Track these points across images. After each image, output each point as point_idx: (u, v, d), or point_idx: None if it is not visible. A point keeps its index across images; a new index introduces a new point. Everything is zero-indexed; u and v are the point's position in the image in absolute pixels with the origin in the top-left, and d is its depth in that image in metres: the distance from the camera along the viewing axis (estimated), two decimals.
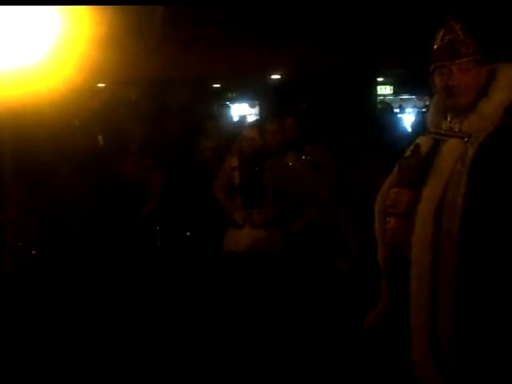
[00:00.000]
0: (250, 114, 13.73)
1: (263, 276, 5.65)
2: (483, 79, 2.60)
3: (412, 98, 16.85)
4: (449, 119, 2.64)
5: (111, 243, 6.02)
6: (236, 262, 5.72)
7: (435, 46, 2.67)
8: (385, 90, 16.72)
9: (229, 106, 10.02)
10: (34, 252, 5.59)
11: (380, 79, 15.63)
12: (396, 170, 2.78)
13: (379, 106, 12.70)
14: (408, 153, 2.77)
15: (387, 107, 11.38)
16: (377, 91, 16.01)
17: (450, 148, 2.59)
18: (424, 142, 2.73)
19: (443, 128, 2.65)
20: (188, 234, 6.29)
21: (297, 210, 6.01)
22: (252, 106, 14.95)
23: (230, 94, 14.82)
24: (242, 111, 14.34)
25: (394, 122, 9.54)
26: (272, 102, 12.16)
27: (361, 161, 6.07)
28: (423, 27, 2.70)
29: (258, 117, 12.85)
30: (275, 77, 13.30)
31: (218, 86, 14.23)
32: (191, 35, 9.87)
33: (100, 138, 7.12)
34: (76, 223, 5.99)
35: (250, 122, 8.80)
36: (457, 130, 2.60)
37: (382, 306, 2.82)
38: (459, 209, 2.46)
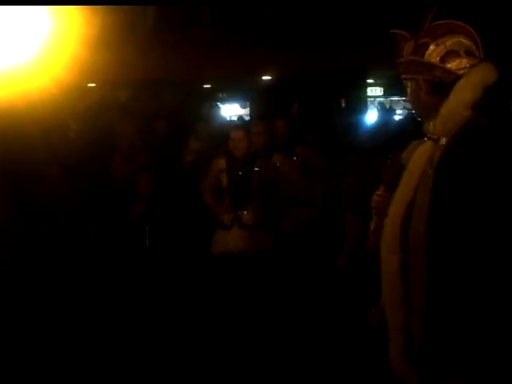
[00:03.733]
0: (245, 115, 13.73)
1: (252, 277, 5.65)
2: (429, 99, 2.61)
3: (402, 100, 16.88)
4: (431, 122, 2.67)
5: (100, 243, 6.02)
6: (225, 263, 5.72)
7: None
8: (375, 91, 16.77)
9: (219, 107, 10.03)
10: (21, 251, 5.58)
11: (370, 81, 15.66)
12: None
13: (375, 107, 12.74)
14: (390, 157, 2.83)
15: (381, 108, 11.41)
16: (367, 93, 16.06)
17: (421, 151, 2.63)
18: (412, 146, 2.76)
19: (428, 131, 2.69)
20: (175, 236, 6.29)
21: (285, 211, 6.03)
22: (243, 107, 14.96)
23: (220, 95, 14.83)
24: (233, 112, 14.34)
25: (385, 124, 9.58)
26: (263, 103, 12.18)
27: (349, 162, 6.10)
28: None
29: (248, 117, 12.85)
30: (266, 78, 13.32)
31: (208, 86, 14.24)
32: (182, 36, 9.88)
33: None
34: (64, 222, 5.99)
35: (237, 124, 8.79)
36: (431, 132, 2.63)
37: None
38: (426, 211, 2.49)
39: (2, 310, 5.16)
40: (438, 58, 2.57)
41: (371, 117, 12.40)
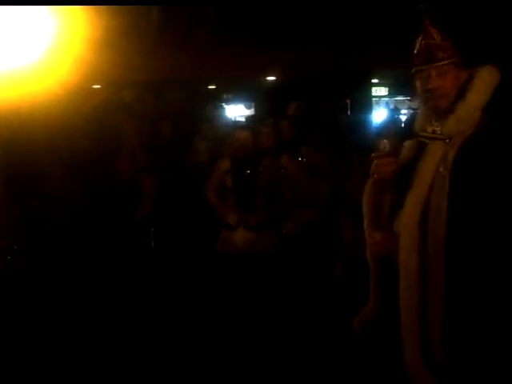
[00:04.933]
0: (247, 116, 13.71)
1: (257, 278, 5.65)
2: (461, 82, 2.61)
3: (407, 99, 16.84)
4: (433, 122, 2.65)
5: (105, 245, 6.01)
6: (230, 263, 5.72)
7: (415, 51, 2.71)
8: (380, 91, 16.73)
9: (224, 108, 10.01)
10: (27, 254, 5.58)
11: (375, 81, 15.63)
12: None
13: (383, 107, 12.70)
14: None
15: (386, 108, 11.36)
16: (372, 93, 16.03)
17: (432, 151, 2.62)
18: (409, 145, 2.75)
19: (428, 131, 2.67)
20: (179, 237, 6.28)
21: (291, 212, 6.02)
22: (248, 108, 14.94)
23: (225, 96, 14.81)
24: (238, 112, 14.33)
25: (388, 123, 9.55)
26: (267, 104, 12.15)
27: (354, 163, 6.09)
28: (419, 28, 2.71)
29: (253, 118, 12.83)
30: (270, 78, 13.30)
31: (213, 87, 14.23)
32: (186, 37, 9.88)
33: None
34: (70, 224, 5.99)
35: (242, 124, 8.79)
36: (439, 132, 2.61)
37: (370, 305, 2.83)
38: (444, 212, 2.47)
39: (6, 311, 5.16)
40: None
41: (376, 116, 12.38)
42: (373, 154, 2.84)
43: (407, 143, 2.76)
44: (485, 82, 2.55)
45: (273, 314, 5.55)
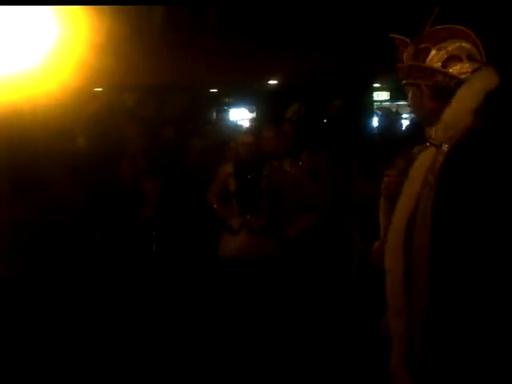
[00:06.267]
0: (250, 119, 13.72)
1: (259, 282, 5.64)
2: (431, 105, 2.60)
3: (409, 104, 16.82)
4: (432, 127, 2.65)
5: (107, 248, 6.01)
6: (232, 267, 5.71)
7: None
8: (381, 95, 16.73)
9: (227, 111, 10.02)
10: (30, 257, 5.57)
11: (377, 85, 15.64)
12: None
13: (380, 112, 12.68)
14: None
15: (387, 113, 11.33)
16: (373, 97, 16.03)
17: (422, 158, 2.62)
18: (418, 150, 2.74)
19: (428, 136, 2.67)
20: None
21: (293, 216, 6.01)
22: (250, 111, 14.95)
23: (227, 99, 14.83)
24: (240, 116, 14.34)
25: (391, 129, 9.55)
26: (270, 107, 12.16)
27: (355, 167, 6.09)
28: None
29: (256, 122, 12.85)
30: (273, 82, 13.31)
31: (215, 90, 14.24)
32: (188, 40, 9.88)
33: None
34: (72, 228, 5.98)
35: (246, 128, 8.80)
36: (433, 138, 2.61)
37: None
38: (429, 219, 2.47)
39: (9, 313, 5.15)
40: (440, 63, 2.56)
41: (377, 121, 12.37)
42: (385, 172, 2.87)
43: (416, 148, 2.75)
44: (472, 88, 2.52)
45: (275, 318, 5.54)
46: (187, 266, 5.97)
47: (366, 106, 13.70)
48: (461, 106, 2.52)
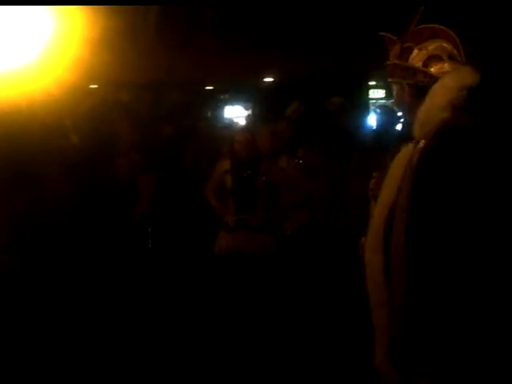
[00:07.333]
0: (244, 116, 13.71)
1: (255, 279, 5.65)
2: (412, 103, 2.68)
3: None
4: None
5: (102, 245, 6.01)
6: (229, 264, 5.72)
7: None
8: (377, 93, 16.74)
9: (222, 108, 10.02)
10: (22, 252, 5.57)
11: (372, 83, 15.65)
12: None
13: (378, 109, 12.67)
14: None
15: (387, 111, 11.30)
16: (369, 95, 16.04)
17: (401, 155, 2.71)
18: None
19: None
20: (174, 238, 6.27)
21: (290, 213, 6.03)
22: (246, 109, 14.95)
23: (222, 97, 14.83)
24: (236, 113, 14.34)
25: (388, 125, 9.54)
26: (265, 105, 12.17)
27: (352, 164, 6.10)
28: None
29: (251, 119, 12.85)
30: (268, 80, 13.31)
31: (210, 88, 14.23)
32: (184, 37, 9.87)
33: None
34: (66, 224, 5.98)
35: (243, 126, 8.81)
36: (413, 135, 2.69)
37: None
38: (405, 213, 2.54)
39: (3, 311, 5.15)
40: (421, 63, 2.65)
41: (373, 119, 12.36)
42: (373, 174, 2.95)
43: (405, 146, 2.80)
44: (444, 85, 2.59)
45: (271, 314, 5.55)
46: (183, 263, 5.98)
47: (362, 104, 13.71)
48: (433, 103, 2.60)
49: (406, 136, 2.80)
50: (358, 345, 4.86)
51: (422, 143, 2.60)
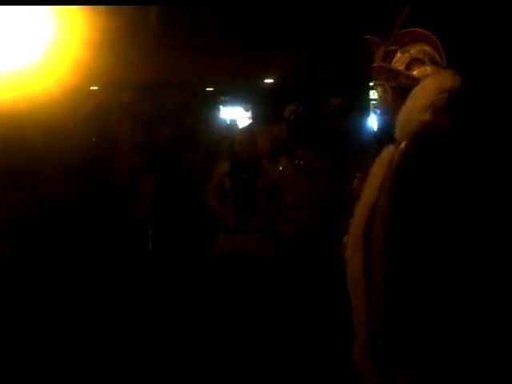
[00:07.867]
0: (248, 118, 13.71)
1: (255, 281, 5.65)
2: (395, 105, 2.72)
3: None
4: None
5: (103, 246, 6.02)
6: (228, 266, 5.72)
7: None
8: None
9: (222, 110, 10.01)
10: (23, 253, 5.58)
11: (373, 84, 15.63)
12: None
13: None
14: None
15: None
16: (369, 96, 16.02)
17: (382, 155, 2.76)
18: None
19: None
20: (172, 239, 6.28)
21: (289, 214, 6.03)
22: (246, 110, 14.94)
23: (222, 98, 14.82)
24: (236, 115, 14.33)
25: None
26: (265, 106, 12.16)
27: (351, 166, 6.10)
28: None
29: (251, 120, 12.85)
30: (268, 81, 13.30)
31: (211, 89, 14.22)
32: (184, 38, 9.87)
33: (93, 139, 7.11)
34: (67, 225, 5.99)
35: (242, 127, 8.81)
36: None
37: None
38: (385, 213, 2.59)
39: (3, 311, 5.16)
40: (404, 66, 2.70)
41: (373, 120, 12.37)
42: (357, 174, 3.05)
43: (387, 147, 2.84)
44: (424, 88, 2.63)
45: (271, 316, 5.55)
46: (183, 265, 5.98)
47: (362, 105, 13.70)
48: (414, 105, 2.65)
49: (387, 137, 2.83)
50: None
51: (403, 145, 2.65)
